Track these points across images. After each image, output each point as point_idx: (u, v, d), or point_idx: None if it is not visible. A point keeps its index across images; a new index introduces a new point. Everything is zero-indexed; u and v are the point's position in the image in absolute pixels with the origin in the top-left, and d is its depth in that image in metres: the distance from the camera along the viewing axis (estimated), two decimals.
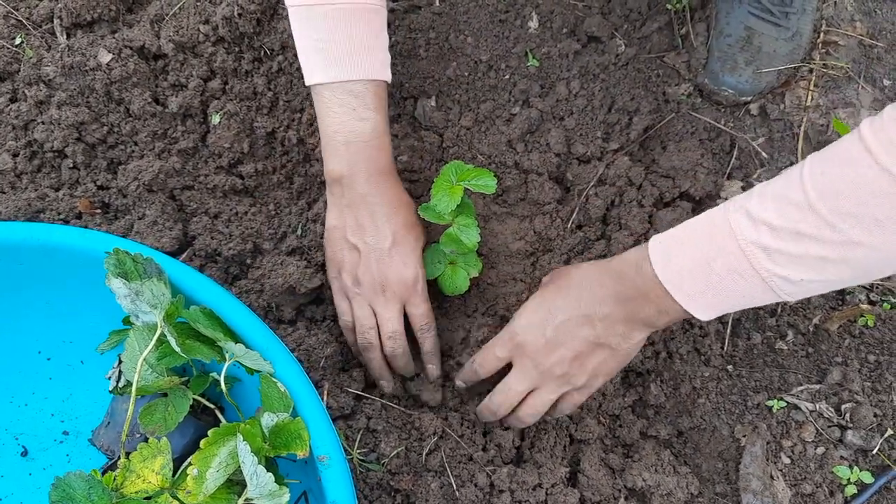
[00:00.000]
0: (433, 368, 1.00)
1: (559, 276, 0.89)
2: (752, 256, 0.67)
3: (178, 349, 0.72)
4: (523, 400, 0.90)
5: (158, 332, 0.73)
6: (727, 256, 0.69)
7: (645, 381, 1.05)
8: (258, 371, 0.77)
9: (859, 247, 0.62)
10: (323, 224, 1.04)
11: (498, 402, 0.91)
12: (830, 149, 0.65)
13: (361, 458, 0.97)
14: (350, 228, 0.94)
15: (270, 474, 0.69)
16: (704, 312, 0.74)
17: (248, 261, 1.08)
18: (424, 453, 0.97)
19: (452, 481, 0.96)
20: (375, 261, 0.93)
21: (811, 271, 0.65)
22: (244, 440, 0.69)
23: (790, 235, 0.65)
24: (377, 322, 0.96)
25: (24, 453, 0.95)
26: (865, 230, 0.61)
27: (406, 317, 0.97)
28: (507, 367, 0.91)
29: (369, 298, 0.95)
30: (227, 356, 0.76)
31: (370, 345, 0.97)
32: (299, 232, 1.09)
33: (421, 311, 0.96)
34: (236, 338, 0.77)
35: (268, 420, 0.74)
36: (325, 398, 0.98)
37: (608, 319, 0.81)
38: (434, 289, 1.02)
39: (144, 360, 0.76)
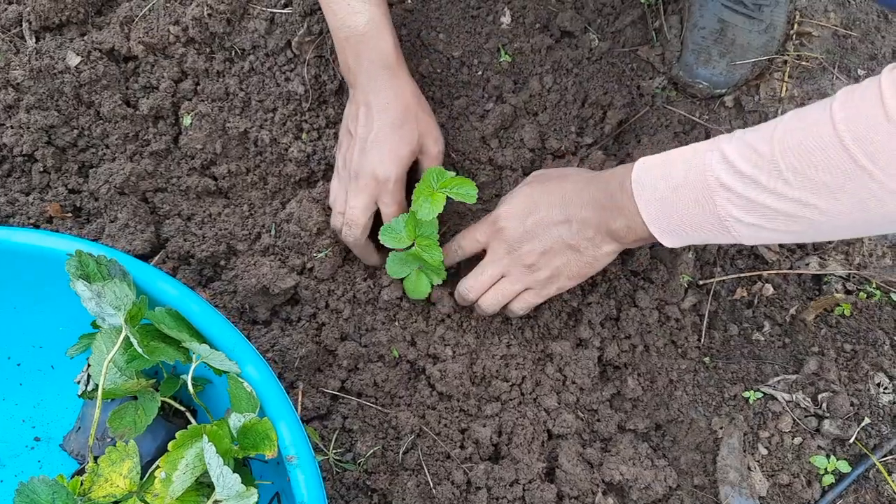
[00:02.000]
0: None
1: (551, 173, 0.95)
2: (715, 192, 0.70)
3: (141, 351, 0.71)
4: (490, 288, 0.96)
5: (123, 334, 0.73)
6: (693, 188, 0.72)
7: (622, 374, 1.04)
8: (226, 372, 0.76)
9: (808, 207, 0.65)
10: (297, 224, 1.04)
11: (469, 284, 0.97)
12: (808, 108, 0.66)
13: (337, 458, 0.96)
14: (351, 117, 0.98)
15: (237, 475, 0.68)
16: (666, 237, 0.79)
17: (222, 262, 1.07)
18: (401, 452, 0.97)
19: (429, 479, 0.95)
20: (358, 151, 0.96)
21: (763, 219, 0.69)
22: (210, 442, 0.69)
23: (750, 182, 0.68)
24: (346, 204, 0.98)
25: None
26: (814, 193, 0.64)
27: None
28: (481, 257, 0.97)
29: (346, 184, 0.98)
30: (193, 357, 0.75)
31: (338, 227, 1.00)
32: (273, 232, 1.08)
33: (388, 212, 0.97)
34: (202, 338, 0.77)
35: (235, 421, 0.73)
36: (300, 398, 0.97)
37: (584, 223, 0.86)
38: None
39: (111, 362, 0.75)
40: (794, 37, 1.21)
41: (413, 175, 1.00)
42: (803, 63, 1.18)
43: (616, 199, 0.82)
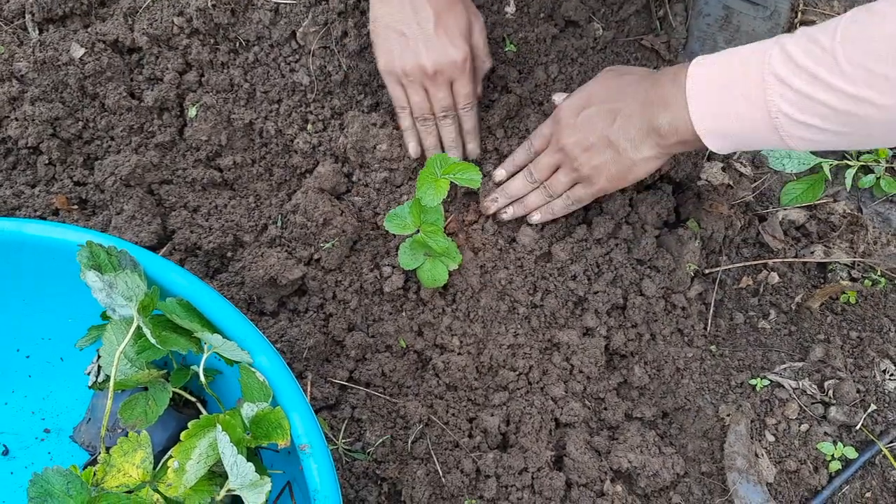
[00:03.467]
0: (473, 147, 1.07)
1: (620, 69, 0.95)
2: (769, 86, 0.68)
3: (153, 341, 0.71)
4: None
5: (135, 324, 0.73)
6: (747, 80, 0.70)
7: (629, 363, 1.05)
8: (237, 362, 0.76)
9: (863, 104, 0.63)
10: (303, 214, 1.04)
11: (530, 170, 1.00)
12: (875, 2, 0.64)
13: (347, 447, 0.97)
14: (394, 16, 0.96)
15: (251, 464, 0.68)
16: (710, 136, 0.77)
17: (229, 254, 1.07)
18: (410, 441, 0.97)
19: (438, 468, 0.96)
20: (423, 45, 0.95)
21: (814, 117, 0.67)
22: (224, 431, 0.69)
23: (806, 75, 0.65)
24: (430, 102, 1.00)
25: (6, 452, 0.94)
26: (873, 87, 0.62)
27: None
28: None
29: (421, 81, 0.98)
30: (204, 347, 0.75)
31: (428, 125, 1.03)
32: (279, 223, 1.08)
33: (466, 91, 0.99)
34: (214, 328, 0.77)
35: (248, 410, 0.74)
36: (308, 389, 0.98)
37: (628, 119, 0.86)
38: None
39: (122, 353, 0.75)
40: (798, 24, 1.20)
41: None
42: None
43: (665, 92, 0.80)
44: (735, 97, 0.72)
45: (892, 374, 1.03)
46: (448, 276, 1.00)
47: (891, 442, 1.00)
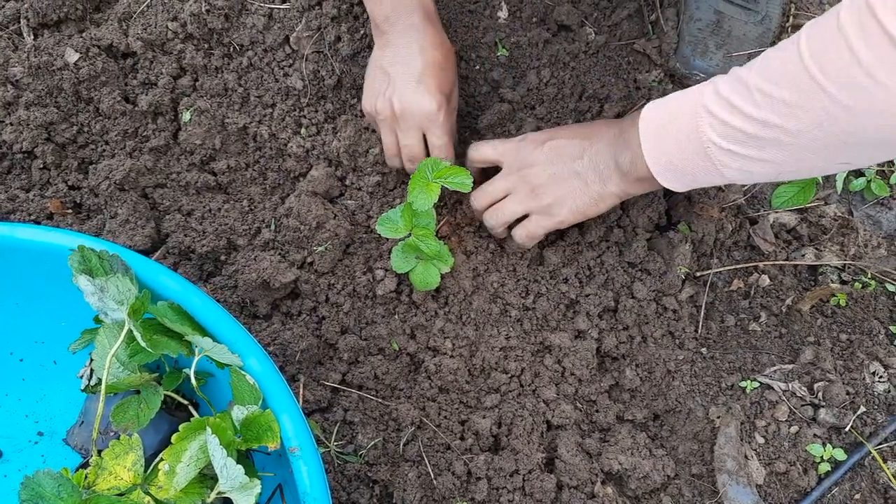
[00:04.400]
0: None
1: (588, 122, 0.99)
2: (700, 118, 0.73)
3: (144, 345, 0.72)
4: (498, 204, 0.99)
5: (126, 328, 0.73)
6: (685, 116, 0.75)
7: (620, 365, 1.05)
8: (228, 365, 0.77)
9: (773, 129, 0.67)
10: (297, 218, 1.04)
11: (476, 194, 1.00)
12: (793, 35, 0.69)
13: (339, 450, 0.97)
14: (387, 58, 0.98)
15: (240, 467, 0.69)
16: (660, 172, 0.81)
17: (223, 257, 1.08)
18: (402, 444, 0.98)
19: (430, 470, 0.96)
20: (401, 88, 0.96)
21: (737, 144, 0.71)
22: (213, 434, 0.69)
23: (727, 105, 0.70)
24: (398, 147, 1.01)
25: None
26: (777, 112, 0.65)
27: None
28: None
29: (390, 123, 0.99)
30: (195, 350, 0.76)
31: (398, 168, 1.05)
32: (273, 227, 1.08)
33: (439, 143, 0.98)
34: (205, 332, 0.77)
35: (238, 413, 0.74)
36: (301, 391, 0.98)
37: (595, 154, 0.89)
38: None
39: (114, 357, 0.75)
40: (789, 29, 1.21)
41: None
42: None
43: (627, 135, 0.85)
44: (676, 133, 0.76)
45: (881, 377, 1.03)
46: (440, 279, 1.00)
47: (880, 444, 1.00)
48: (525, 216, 0.98)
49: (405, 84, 0.96)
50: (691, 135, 0.74)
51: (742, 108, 0.69)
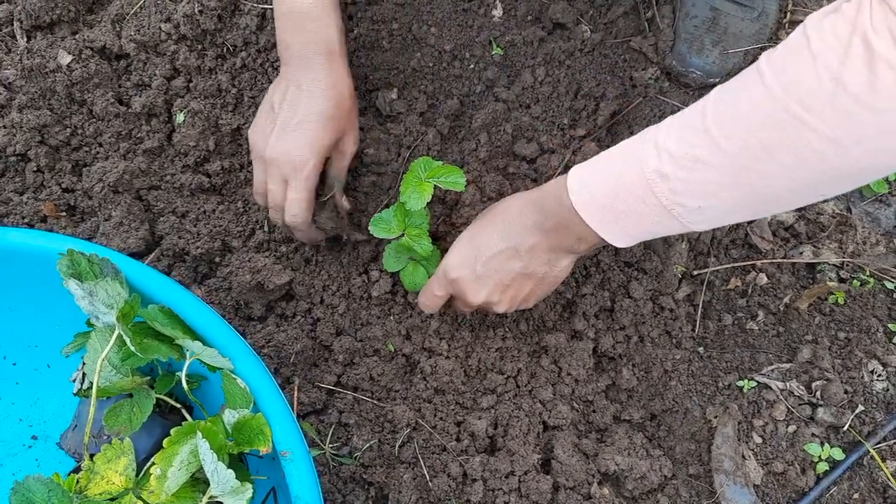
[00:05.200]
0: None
1: (487, 211, 0.91)
2: (654, 184, 0.68)
3: (134, 349, 0.72)
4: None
5: (116, 332, 0.73)
6: (633, 184, 0.70)
7: (617, 365, 1.05)
8: (219, 368, 0.76)
9: (749, 173, 0.62)
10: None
11: (457, 315, 1.00)
12: (737, 76, 0.64)
13: (334, 452, 0.97)
14: (277, 95, 0.94)
15: (231, 471, 0.68)
16: (619, 239, 0.76)
17: (217, 259, 1.07)
18: (397, 445, 0.98)
19: (425, 472, 0.96)
20: (278, 131, 0.92)
21: (709, 197, 0.66)
22: (204, 438, 0.69)
23: (687, 161, 0.65)
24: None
25: None
26: (753, 156, 0.61)
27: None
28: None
29: (262, 162, 0.95)
30: (186, 354, 0.76)
31: (261, 206, 1.01)
32: (266, 228, 1.08)
33: (292, 197, 0.93)
34: (195, 335, 0.77)
35: (230, 417, 0.74)
36: (295, 394, 0.98)
37: (534, 249, 0.84)
38: None
39: (106, 360, 0.75)
40: (786, 25, 1.20)
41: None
42: None
43: (559, 218, 0.79)
44: (628, 203, 0.71)
45: (879, 375, 1.03)
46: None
47: (878, 442, 1.00)
48: None
49: (282, 129, 0.92)
50: (649, 201, 0.70)
51: (707, 160, 0.64)
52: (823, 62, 0.55)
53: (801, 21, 1.19)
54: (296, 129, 0.91)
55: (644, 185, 0.69)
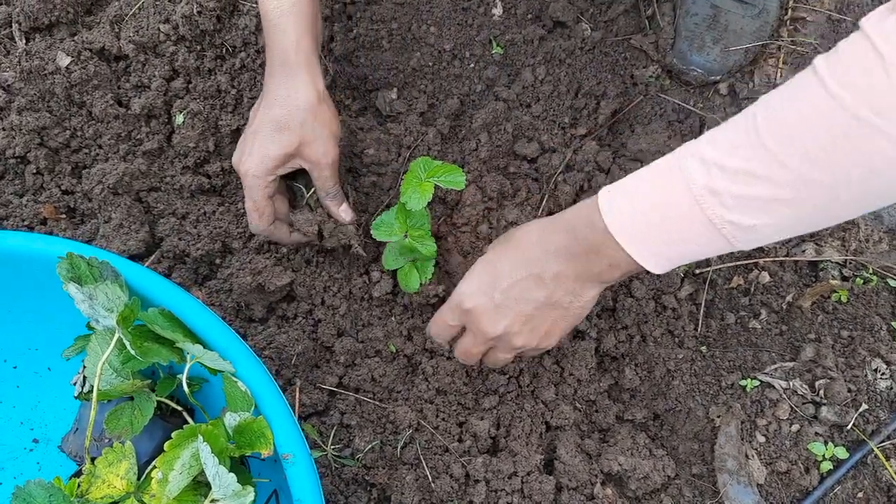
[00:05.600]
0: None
1: (506, 237, 0.84)
2: (703, 202, 0.63)
3: (134, 352, 0.71)
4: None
5: (116, 335, 0.73)
6: (678, 203, 0.65)
7: (620, 365, 1.04)
8: (220, 371, 0.76)
9: (811, 185, 0.59)
10: None
11: (460, 358, 0.89)
12: (784, 86, 0.61)
13: (336, 453, 0.97)
14: (255, 104, 0.95)
15: (233, 474, 0.68)
16: (657, 264, 0.70)
17: (218, 260, 1.07)
18: (399, 446, 0.97)
19: (428, 473, 0.95)
20: (241, 141, 0.94)
21: (763, 214, 0.62)
22: (205, 442, 0.69)
23: (741, 176, 0.61)
24: None
25: None
26: (816, 166, 0.57)
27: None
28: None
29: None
30: (187, 357, 0.75)
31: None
32: None
33: (247, 206, 0.93)
34: (196, 338, 0.77)
35: (231, 420, 0.74)
36: (297, 395, 0.98)
37: (559, 277, 0.77)
38: None
39: (107, 364, 0.75)
40: (787, 22, 1.20)
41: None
42: (797, 48, 1.18)
43: (589, 242, 0.73)
44: (672, 223, 0.66)
45: (883, 373, 1.02)
46: (420, 286, 0.99)
47: (882, 441, 0.99)
48: None
49: (242, 141, 0.93)
50: (695, 220, 0.65)
51: (764, 174, 0.60)
52: (894, 63, 0.52)
53: (803, 17, 1.19)
54: (251, 138, 0.92)
55: (691, 202, 0.64)
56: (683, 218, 0.65)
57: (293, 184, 1.01)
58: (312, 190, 0.99)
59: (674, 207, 0.66)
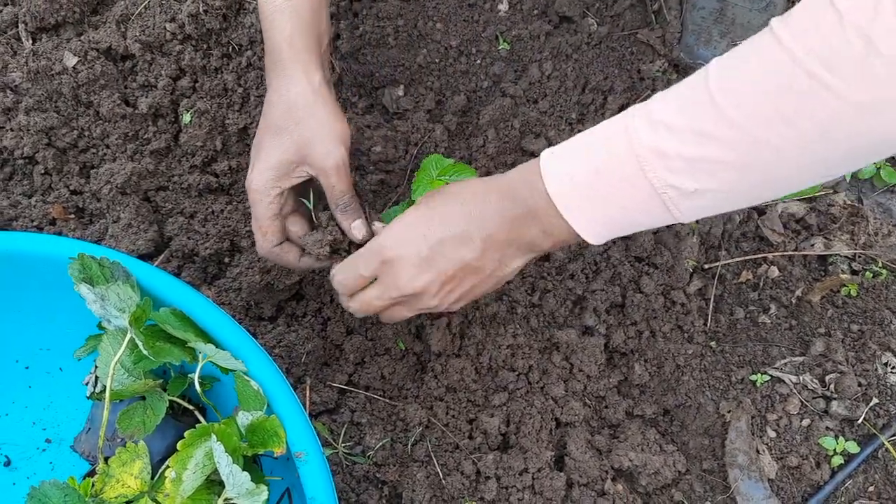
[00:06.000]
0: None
1: (444, 190, 0.78)
2: (646, 162, 0.60)
3: (146, 353, 0.71)
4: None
5: (129, 335, 0.73)
6: (619, 164, 0.62)
7: (629, 360, 1.04)
8: (232, 370, 0.76)
9: (761, 146, 0.56)
10: None
11: (355, 310, 0.82)
12: (739, 46, 0.58)
13: (347, 451, 0.97)
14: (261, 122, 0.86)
15: (246, 473, 0.68)
16: (593, 232, 0.68)
17: (226, 259, 1.07)
18: (410, 444, 0.97)
19: (439, 470, 0.96)
20: (252, 151, 0.86)
21: (708, 178, 0.59)
22: (218, 441, 0.69)
23: (689, 135, 0.58)
24: None
25: (7, 463, 0.95)
26: (768, 126, 0.55)
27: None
28: None
29: None
30: (199, 356, 0.75)
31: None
32: None
33: (252, 225, 0.84)
34: (208, 338, 0.77)
35: (243, 419, 0.74)
36: (307, 393, 0.98)
37: (490, 241, 0.73)
38: None
39: (118, 364, 0.75)
40: None
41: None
42: None
43: (527, 204, 0.70)
44: (612, 184, 0.63)
45: (893, 367, 1.02)
46: None
47: (893, 435, 0.99)
48: None
49: (251, 151, 0.85)
50: (636, 182, 0.62)
51: (712, 132, 0.57)
52: (851, 20, 0.50)
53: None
54: (253, 150, 0.85)
55: (634, 163, 0.61)
56: (624, 181, 0.62)
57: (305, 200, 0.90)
58: (320, 204, 0.87)
59: (615, 171, 0.63)
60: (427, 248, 0.74)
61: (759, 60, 0.55)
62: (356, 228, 0.83)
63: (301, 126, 0.81)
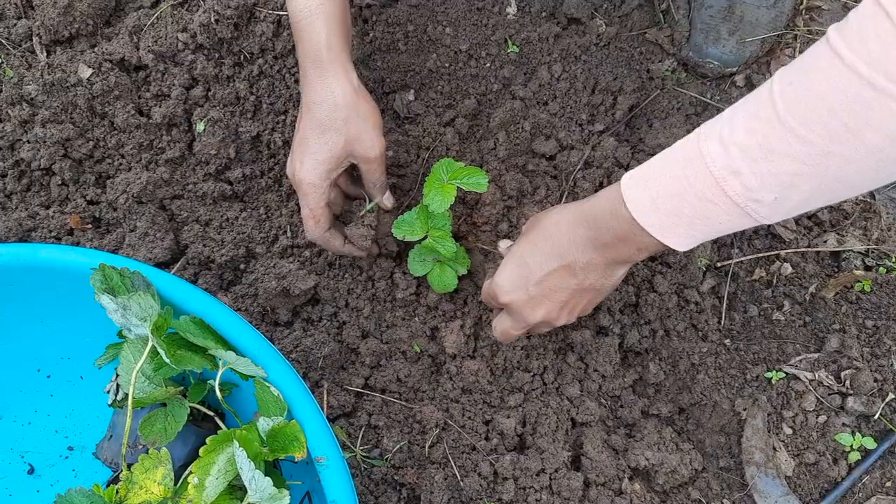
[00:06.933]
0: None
1: (532, 226, 0.87)
2: (724, 182, 0.64)
3: (168, 361, 0.72)
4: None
5: (150, 344, 0.74)
6: (700, 185, 0.66)
7: (644, 360, 1.05)
8: (252, 376, 0.77)
9: (831, 157, 0.58)
10: None
11: (499, 339, 0.95)
12: (799, 59, 0.61)
13: (365, 454, 0.97)
14: (297, 118, 0.96)
15: (268, 478, 0.69)
16: (682, 243, 0.72)
17: (242, 266, 1.08)
18: (427, 446, 0.98)
19: (456, 472, 0.96)
20: (290, 153, 0.95)
21: (785, 189, 0.62)
22: (240, 446, 0.70)
23: (761, 153, 0.61)
24: None
25: (31, 471, 0.96)
26: (836, 140, 0.57)
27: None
28: None
29: None
30: (219, 363, 0.76)
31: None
32: (289, 233, 1.09)
33: (303, 213, 0.94)
34: (228, 345, 0.78)
35: (264, 424, 0.75)
36: (325, 397, 0.99)
37: (589, 266, 0.81)
38: None
39: (139, 371, 0.76)
40: (803, 11, 1.19)
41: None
42: (813, 37, 1.17)
43: (615, 232, 0.75)
44: (694, 205, 0.67)
45: None
46: (458, 281, 1.00)
47: None
48: None
49: (292, 151, 0.94)
50: (718, 200, 0.66)
51: (783, 150, 0.60)
52: None
53: (819, 6, 1.19)
54: (296, 148, 0.93)
55: (712, 184, 0.65)
56: (707, 200, 0.66)
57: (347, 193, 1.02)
58: (369, 206, 1.00)
59: (696, 191, 0.66)
60: (534, 288, 0.84)
61: (822, 76, 0.57)
62: (387, 199, 1.01)
63: (348, 124, 0.91)
